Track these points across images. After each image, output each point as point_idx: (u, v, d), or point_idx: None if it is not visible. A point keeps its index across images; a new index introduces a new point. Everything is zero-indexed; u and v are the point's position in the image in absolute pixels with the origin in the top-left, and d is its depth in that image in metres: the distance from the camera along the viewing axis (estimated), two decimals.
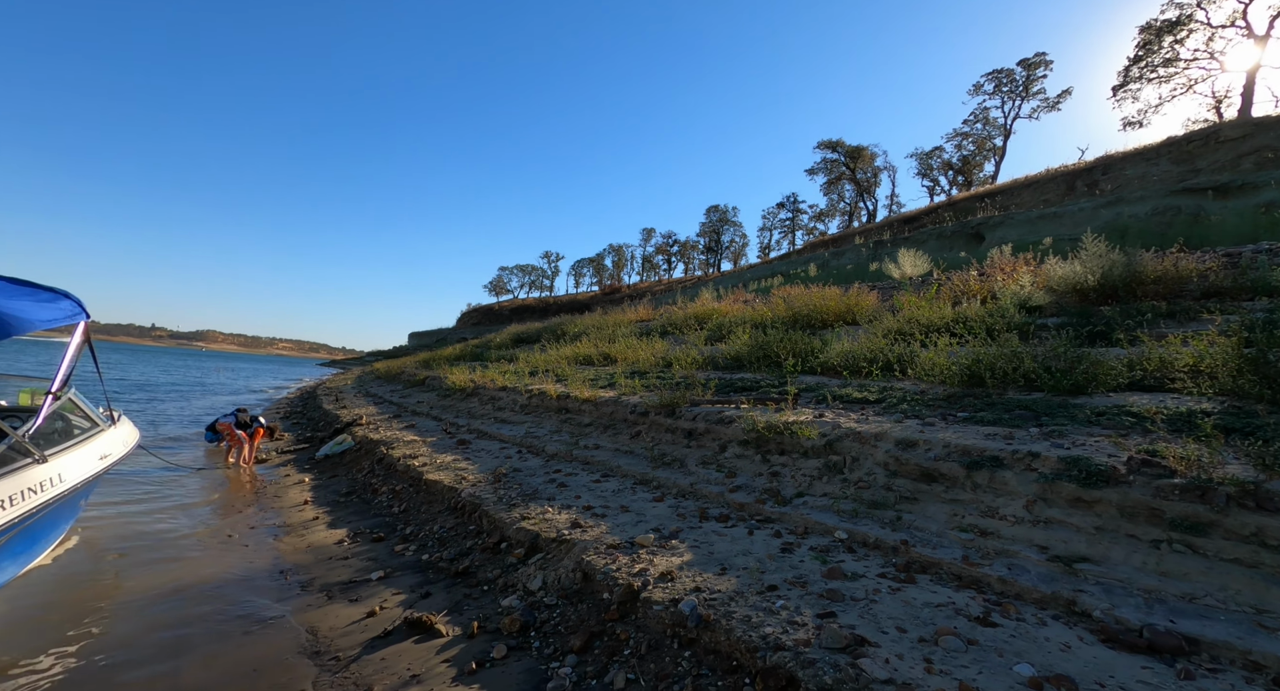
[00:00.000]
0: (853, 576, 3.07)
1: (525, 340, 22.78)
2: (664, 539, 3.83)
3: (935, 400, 5.20)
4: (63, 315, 3.79)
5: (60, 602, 3.66)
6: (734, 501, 4.53)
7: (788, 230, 71.00)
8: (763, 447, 5.21)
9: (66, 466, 3.85)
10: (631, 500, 4.84)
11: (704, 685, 2.44)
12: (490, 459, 6.83)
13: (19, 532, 3.38)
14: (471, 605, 3.57)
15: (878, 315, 9.23)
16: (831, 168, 54.98)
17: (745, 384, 7.43)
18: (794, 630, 2.53)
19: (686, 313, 15.48)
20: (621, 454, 6.44)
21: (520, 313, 75.20)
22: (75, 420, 4.42)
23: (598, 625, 3.06)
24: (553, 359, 13.55)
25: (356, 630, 3.36)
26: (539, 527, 4.21)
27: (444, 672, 2.84)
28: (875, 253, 25.44)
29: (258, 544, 5.05)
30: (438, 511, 5.42)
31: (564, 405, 8.62)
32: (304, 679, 2.87)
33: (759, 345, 8.93)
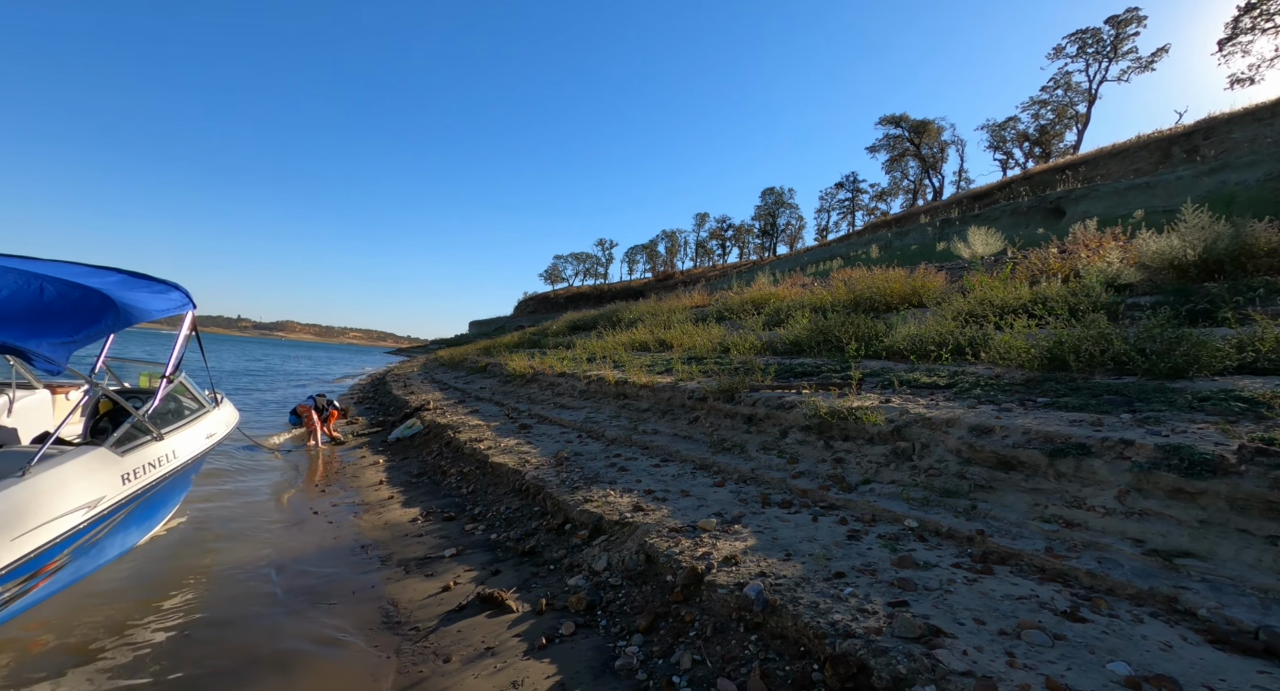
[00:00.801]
0: (925, 565, 2.97)
1: (581, 327, 23.10)
2: (726, 523, 3.81)
3: (1012, 385, 4.93)
4: (173, 305, 4.13)
5: (176, 569, 4.03)
6: (797, 487, 4.45)
7: (847, 211, 68.58)
8: (825, 433, 5.10)
9: (180, 443, 4.24)
10: (692, 485, 4.84)
11: (771, 669, 2.43)
12: (551, 443, 6.99)
13: (143, 502, 3.75)
14: (539, 583, 3.68)
15: (946, 297, 8.81)
16: (894, 144, 52.50)
17: (805, 369, 7.27)
18: (864, 618, 2.47)
19: (742, 297, 15.27)
20: (680, 439, 6.45)
21: (575, 300, 76.26)
22: (185, 402, 4.83)
23: (662, 606, 3.10)
24: (609, 345, 13.68)
25: (433, 603, 3.53)
26: (602, 510, 4.28)
27: (516, 646, 2.95)
28: (942, 231, 24.22)
29: (339, 520, 5.38)
30: (503, 493, 5.60)
31: (622, 391, 8.70)
32: (388, 646, 3.05)
33: (819, 329, 8.71)
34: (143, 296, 3.79)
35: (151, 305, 3.77)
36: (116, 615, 3.29)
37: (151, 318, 3.73)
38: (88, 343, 3.11)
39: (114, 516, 3.45)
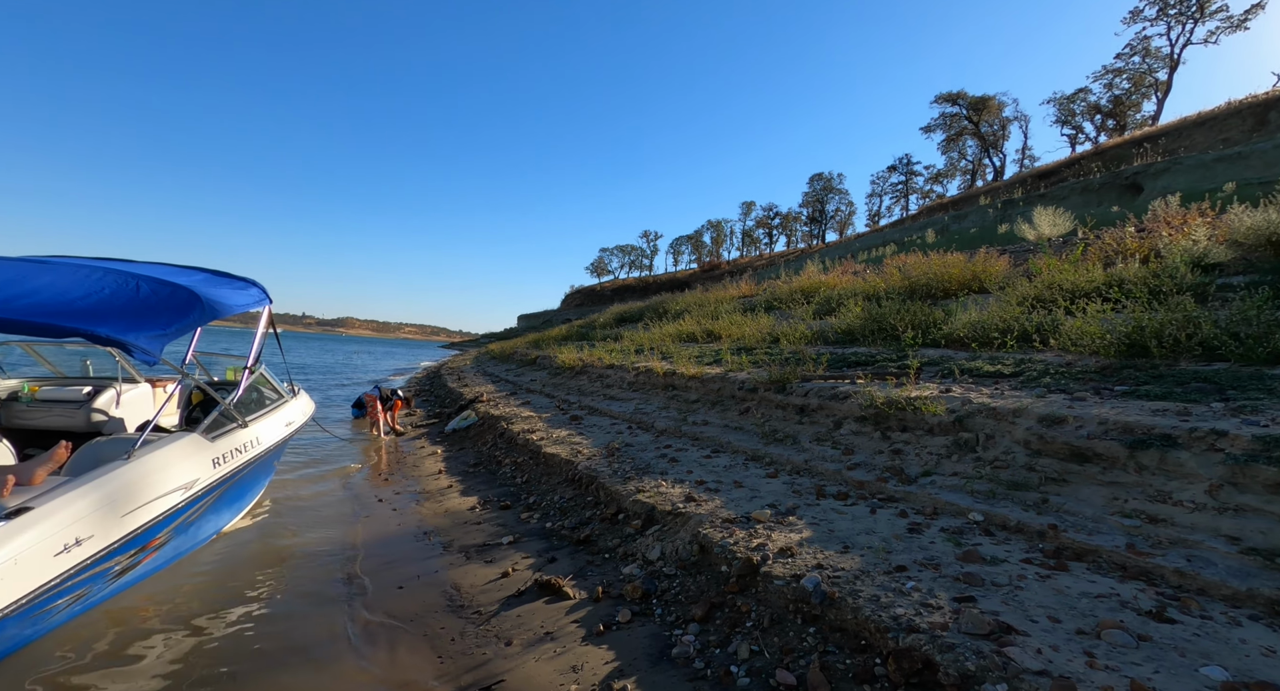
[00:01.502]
0: (992, 560, 2.86)
1: (628, 319, 23.20)
2: (780, 515, 3.78)
3: (1085, 373, 4.66)
4: (252, 300, 4.41)
5: (260, 551, 4.31)
6: (853, 479, 4.36)
7: (900, 195, 66.12)
8: (882, 424, 4.96)
9: (262, 431, 4.53)
10: (744, 476, 4.81)
11: (831, 662, 2.40)
12: (602, 434, 7.07)
13: (231, 486, 4.04)
14: (594, 571, 3.74)
15: (1010, 281, 8.39)
16: (951, 123, 50.13)
17: (859, 358, 7.08)
18: (928, 613, 2.41)
19: (791, 287, 14.97)
20: (731, 430, 6.41)
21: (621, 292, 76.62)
22: (266, 392, 5.15)
23: (718, 596, 3.10)
24: (656, 337, 13.69)
25: (493, 589, 3.65)
26: (654, 500, 4.31)
27: (574, 632, 3.01)
28: (1004, 213, 23.06)
29: (402, 508, 5.62)
30: (557, 482, 5.72)
31: (670, 382, 8.71)
32: (453, 628, 3.18)
33: (873, 317, 8.46)
34: (225, 292, 4.05)
35: (233, 300, 4.04)
36: (210, 592, 3.55)
37: (233, 312, 3.99)
38: (178, 336, 3.35)
39: (207, 497, 3.72)
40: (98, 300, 3.23)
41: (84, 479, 2.94)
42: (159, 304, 3.41)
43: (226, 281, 4.45)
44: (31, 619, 2.60)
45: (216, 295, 3.88)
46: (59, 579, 2.61)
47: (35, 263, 3.55)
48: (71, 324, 2.90)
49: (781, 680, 2.37)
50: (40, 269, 3.40)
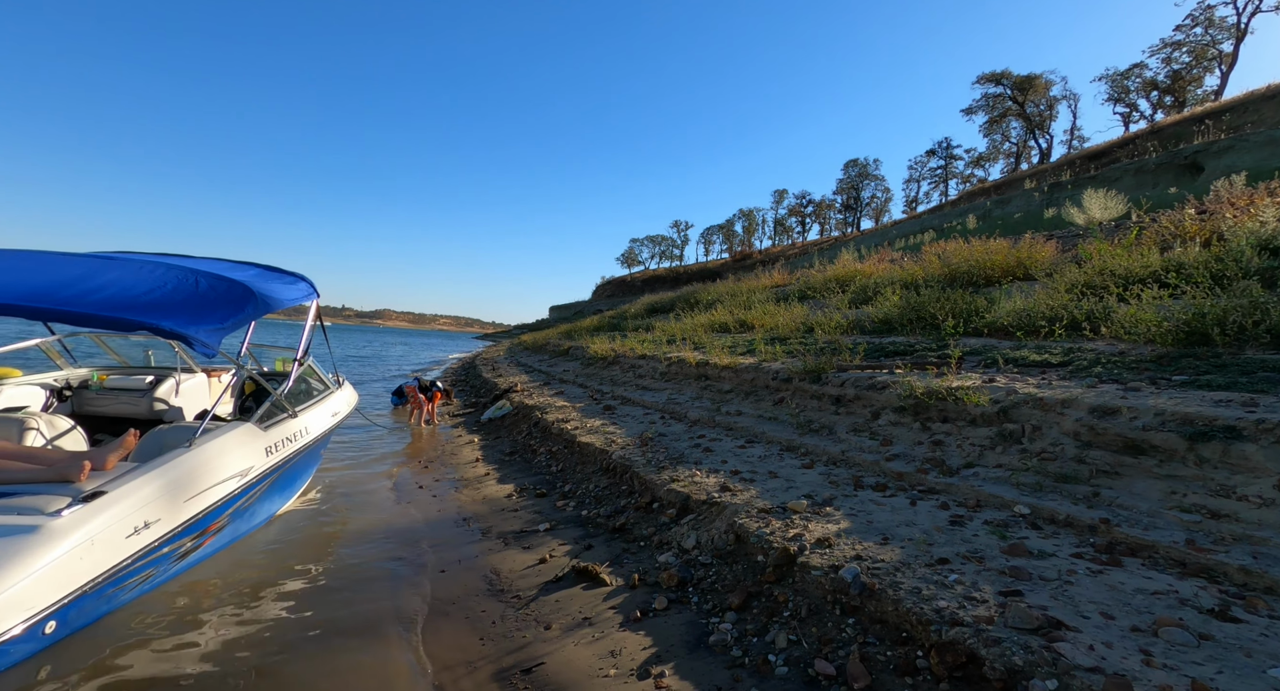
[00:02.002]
0: (1039, 554, 2.78)
1: (659, 310, 23.19)
2: (817, 505, 3.74)
3: (1140, 362, 4.47)
4: (301, 294, 4.57)
5: (311, 535, 4.49)
6: (891, 470, 4.29)
7: (938, 180, 64.14)
8: (921, 415, 4.86)
9: (311, 420, 4.71)
10: (779, 466, 4.78)
11: (871, 653, 2.38)
12: (635, 423, 7.11)
13: (283, 473, 4.21)
14: (630, 559, 3.78)
15: (1057, 268, 8.08)
16: (994, 104, 48.23)
17: (897, 348, 6.94)
18: (972, 606, 2.36)
19: (825, 276, 14.73)
20: (765, 420, 6.36)
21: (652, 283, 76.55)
22: (313, 383, 5.34)
23: (754, 586, 3.10)
24: (688, 327, 13.66)
25: (531, 574, 3.73)
26: (689, 490, 4.32)
27: (612, 618, 3.06)
28: (1051, 197, 22.17)
29: (442, 494, 5.77)
30: (591, 471, 5.78)
31: (703, 372, 8.69)
32: (493, 612, 3.26)
33: (911, 306, 8.27)
34: (276, 287, 4.21)
35: (283, 294, 4.18)
36: (267, 572, 3.72)
37: (284, 306, 4.14)
38: (234, 329, 3.49)
39: (261, 484, 3.89)
40: (161, 295, 3.39)
41: (150, 465, 3.10)
42: (216, 299, 3.56)
43: (277, 276, 4.62)
44: (106, 596, 2.77)
45: (268, 290, 4.03)
46: (130, 559, 2.77)
47: (103, 259, 3.74)
48: (138, 317, 3.05)
49: (820, 670, 2.36)
50: (107, 265, 3.58)
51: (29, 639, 2.34)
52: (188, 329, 3.11)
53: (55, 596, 2.42)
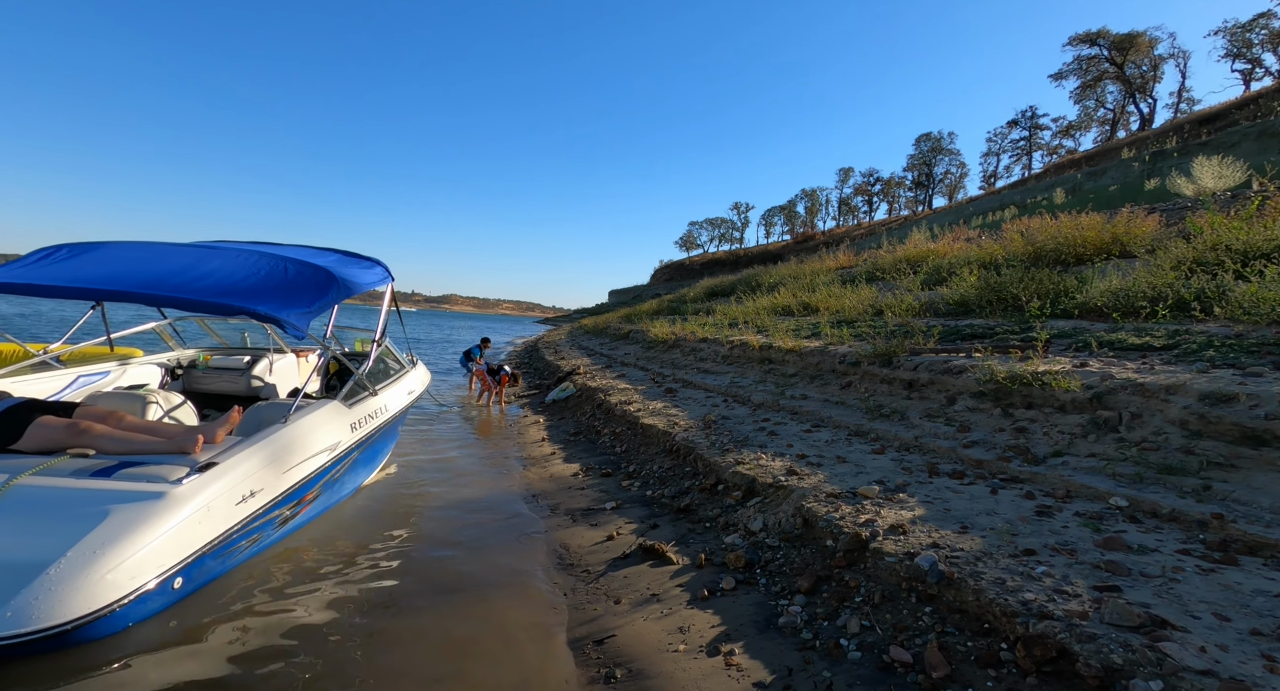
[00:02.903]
0: (1140, 549, 2.59)
1: (719, 293, 22.95)
2: (889, 492, 3.64)
3: (1261, 345, 4.05)
4: (377, 278, 4.81)
5: (392, 507, 4.76)
6: (969, 457, 4.10)
7: (1021, 153, 59.87)
8: (1003, 400, 4.61)
9: (389, 398, 4.97)
10: (848, 451, 4.66)
11: (950, 643, 2.30)
12: (697, 406, 7.11)
13: (365, 448, 4.48)
14: (695, 539, 3.81)
15: (1161, 243, 7.41)
16: (1088, 67, 44.28)
17: (975, 330, 6.59)
18: (1064, 600, 2.24)
19: (895, 256, 14.13)
20: (832, 404, 6.21)
21: (711, 267, 75.75)
22: (390, 363, 5.63)
23: (824, 570, 3.06)
24: (750, 310, 13.46)
25: (599, 550, 3.82)
26: (754, 472, 4.29)
27: (679, 596, 3.10)
28: (1153, 166, 20.28)
29: (510, 472, 5.99)
30: (654, 453, 5.83)
31: (766, 355, 8.56)
32: (564, 585, 3.38)
33: (991, 287, 7.82)
34: (355, 272, 4.44)
35: (362, 279, 4.41)
36: (357, 539, 3.98)
37: (363, 290, 4.37)
38: (320, 312, 3.72)
39: (347, 458, 4.15)
40: (256, 282, 3.65)
41: (253, 439, 3.37)
42: (304, 284, 3.80)
43: (356, 261, 4.87)
44: (221, 557, 3.04)
45: (349, 274, 4.26)
46: (240, 524, 3.03)
47: (206, 248, 4.05)
48: (238, 303, 3.30)
49: (896, 657, 2.31)
50: (211, 254, 3.88)
51: (161, 593, 2.61)
52: (280, 313, 3.34)
53: (181, 555, 2.68)
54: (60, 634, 2.24)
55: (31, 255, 3.80)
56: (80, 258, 3.71)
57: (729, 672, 2.42)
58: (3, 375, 4.17)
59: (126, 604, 2.42)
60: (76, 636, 2.31)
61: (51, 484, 2.71)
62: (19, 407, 3.19)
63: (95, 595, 2.33)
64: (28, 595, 2.22)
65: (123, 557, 2.45)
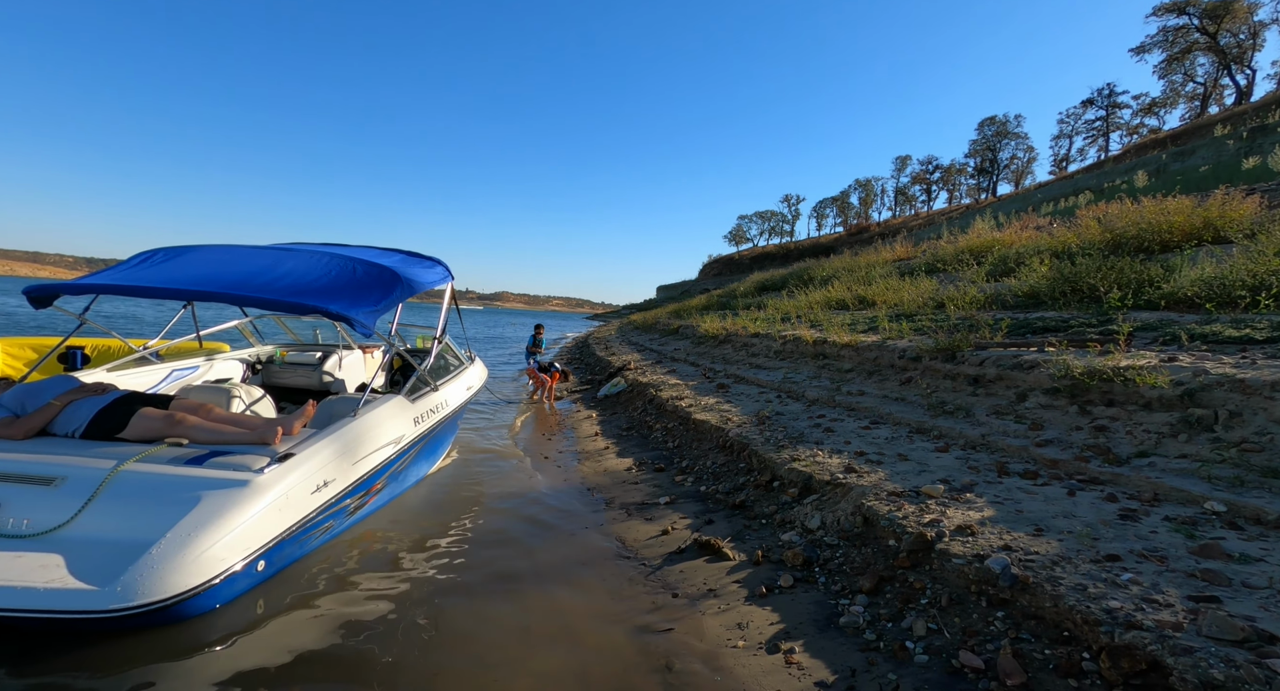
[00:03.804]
0: (1241, 558, 2.40)
1: (770, 287, 22.59)
2: (955, 491, 3.50)
3: None
4: (438, 277, 4.98)
5: (453, 498, 4.93)
6: (1043, 457, 3.89)
7: (1097, 134, 56.13)
8: (1080, 397, 4.35)
9: (449, 393, 5.15)
10: (909, 449, 4.51)
11: (1026, 650, 2.20)
12: (750, 402, 7.03)
13: (427, 441, 4.66)
14: (752, 536, 3.78)
15: (1263, 227, 6.80)
16: (1174, 38, 40.93)
17: (1048, 323, 6.24)
18: (1153, 609, 2.10)
19: (957, 247, 13.53)
20: (890, 401, 6.02)
21: (761, 260, 74.62)
22: (450, 359, 5.84)
23: (886, 570, 2.97)
24: (802, 305, 13.19)
25: (655, 544, 3.84)
26: (811, 469, 4.21)
27: (736, 591, 3.08)
28: (1252, 143, 18.63)
29: (566, 466, 6.09)
30: (708, 448, 5.81)
31: (821, 350, 8.37)
32: (622, 576, 3.41)
33: (1064, 277, 7.38)
34: (418, 271, 4.61)
35: (424, 278, 4.58)
36: (419, 530, 4.14)
37: (425, 288, 4.53)
38: (386, 311, 3.88)
39: (411, 450, 4.33)
40: (328, 282, 3.84)
41: (325, 432, 3.55)
42: (371, 283, 3.97)
43: (418, 261, 5.06)
44: (299, 542, 3.22)
45: (412, 274, 4.43)
46: (315, 512, 3.20)
47: (282, 250, 4.30)
48: (312, 302, 3.48)
49: (966, 662, 2.23)
50: (287, 256, 4.11)
51: (246, 575, 2.79)
52: (350, 311, 3.51)
53: (263, 539, 2.86)
54: (162, 609, 2.43)
55: (133, 259, 4.13)
56: (174, 260, 4.01)
57: (789, 671, 2.39)
58: (109, 369, 4.56)
59: (217, 584, 2.61)
60: (175, 612, 2.51)
61: (152, 470, 2.94)
62: (124, 399, 3.48)
63: (191, 574, 2.52)
64: (134, 572, 2.42)
65: (214, 540, 2.63)
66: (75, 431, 3.31)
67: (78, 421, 3.32)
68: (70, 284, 3.62)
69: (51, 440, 3.26)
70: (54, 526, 2.66)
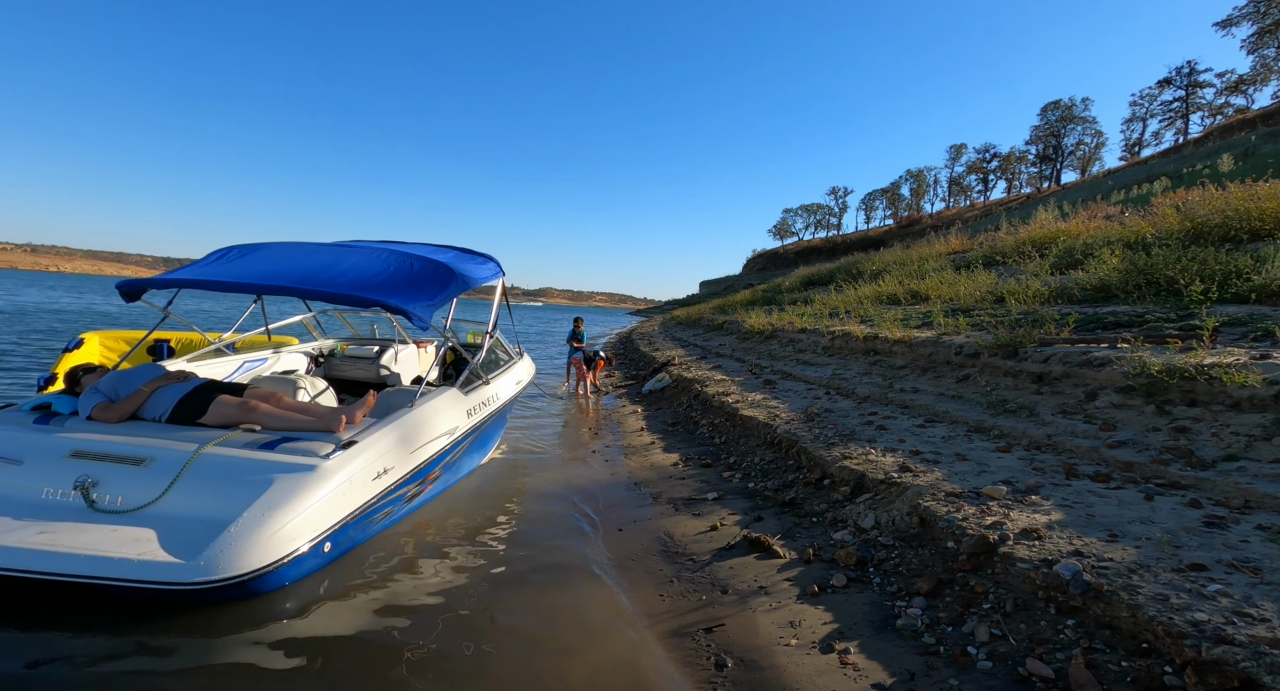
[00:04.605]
0: None
1: (816, 282, 22.14)
2: (1019, 493, 3.35)
3: None
4: (490, 273, 5.09)
5: (503, 488, 5.06)
6: (1116, 459, 3.68)
7: (1174, 116, 52.49)
8: (1157, 396, 4.09)
9: (500, 387, 5.27)
10: (967, 448, 4.35)
11: (1101, 661, 2.09)
12: (798, 399, 6.91)
13: (479, 434, 4.78)
14: (802, 534, 3.72)
15: None
16: (1266, 9, 37.78)
17: (1121, 318, 5.89)
18: (1246, 623, 1.96)
19: (1018, 238, 12.93)
20: (947, 398, 5.81)
21: (806, 254, 73.23)
22: (499, 354, 5.97)
23: (945, 573, 2.88)
24: (851, 299, 12.86)
25: (704, 540, 3.83)
26: (863, 468, 4.11)
27: (788, 589, 3.04)
28: None
29: (612, 460, 6.14)
30: (755, 445, 5.75)
31: (872, 346, 8.15)
32: (670, 572, 3.42)
33: (1139, 269, 6.95)
34: (471, 267, 4.73)
35: (477, 273, 4.69)
36: (474, 519, 4.26)
37: (477, 284, 4.64)
38: (441, 305, 4.00)
39: (464, 442, 4.45)
40: (387, 277, 3.98)
41: (384, 421, 3.68)
42: (427, 278, 4.10)
43: (470, 257, 5.19)
44: (361, 527, 3.36)
45: (466, 269, 4.54)
46: (375, 498, 3.33)
47: (344, 247, 4.48)
48: (373, 296, 3.62)
49: (1034, 670, 2.13)
50: (348, 252, 4.29)
51: (313, 556, 2.93)
52: (408, 305, 3.62)
53: (329, 522, 2.99)
54: (239, 584, 2.58)
55: (210, 256, 4.38)
56: (246, 257, 4.23)
57: (845, 671, 2.35)
58: (189, 360, 4.87)
59: (287, 562, 2.74)
60: (250, 587, 2.66)
61: (229, 453, 3.12)
62: (203, 387, 3.70)
63: (265, 552, 2.66)
64: (214, 548, 2.58)
65: (285, 521, 2.77)
66: (161, 416, 3.55)
67: (163, 407, 3.56)
68: (156, 279, 3.87)
69: (141, 424, 3.50)
70: (144, 503, 2.87)
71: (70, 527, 2.69)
